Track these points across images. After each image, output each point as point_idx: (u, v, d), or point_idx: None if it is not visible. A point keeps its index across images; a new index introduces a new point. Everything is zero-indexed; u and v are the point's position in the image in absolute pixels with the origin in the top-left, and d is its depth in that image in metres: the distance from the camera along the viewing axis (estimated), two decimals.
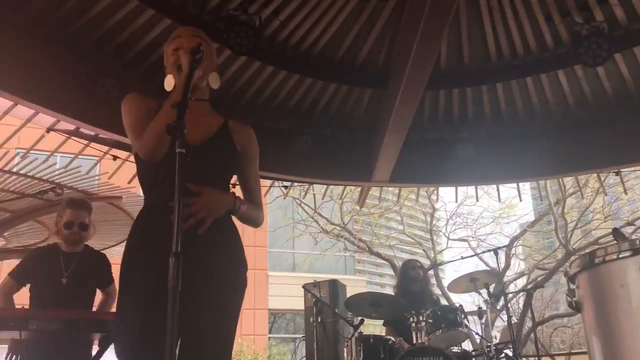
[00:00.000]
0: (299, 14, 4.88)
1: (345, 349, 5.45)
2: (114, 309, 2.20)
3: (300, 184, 7.20)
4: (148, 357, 1.83)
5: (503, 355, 4.79)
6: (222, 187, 2.13)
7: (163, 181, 1.84)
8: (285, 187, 7.21)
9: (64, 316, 2.81)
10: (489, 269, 11.01)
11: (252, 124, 2.31)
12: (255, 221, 2.23)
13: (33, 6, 4.35)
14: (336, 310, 6.14)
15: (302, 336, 6.82)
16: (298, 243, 19.37)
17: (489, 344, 4.73)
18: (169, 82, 2.13)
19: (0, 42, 4.30)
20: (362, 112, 5.93)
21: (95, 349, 3.12)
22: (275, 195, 11.30)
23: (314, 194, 8.59)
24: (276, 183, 7.08)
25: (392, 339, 5.05)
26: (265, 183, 7.51)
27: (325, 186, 7.62)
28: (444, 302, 7.22)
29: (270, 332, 18.58)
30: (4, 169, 8.22)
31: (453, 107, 5.94)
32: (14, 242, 10.60)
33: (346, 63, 5.43)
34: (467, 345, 5.41)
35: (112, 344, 2.10)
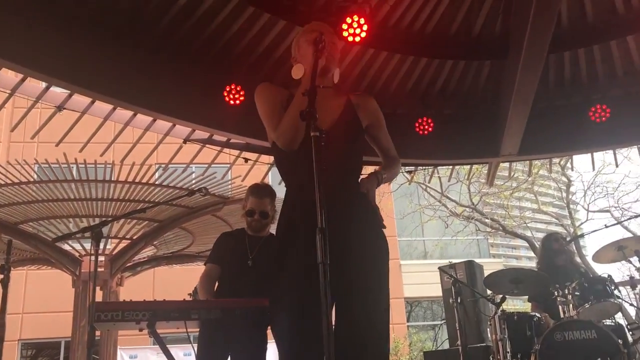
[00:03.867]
0: None
1: (488, 329, 5.34)
2: None
3: (424, 168, 7.15)
4: (308, 337, 1.95)
5: None
6: (355, 159, 2.32)
7: (304, 166, 1.94)
8: (410, 172, 7.19)
9: (220, 305, 3.01)
10: (636, 235, 10.22)
11: None
12: (396, 175, 2.52)
13: (160, 29, 4.71)
14: (475, 289, 6.04)
15: (443, 320, 6.78)
16: (427, 230, 19.14)
17: None
18: (297, 70, 2.27)
19: (136, 66, 4.72)
20: (482, 87, 5.77)
21: None
22: (399, 183, 11.29)
23: (439, 177, 8.48)
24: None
25: (538, 315, 4.89)
26: None
27: (450, 168, 7.49)
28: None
29: (408, 321, 18.54)
30: (148, 182, 8.95)
31: (580, 68, 5.60)
32: (162, 249, 11.54)
33: (461, 37, 5.30)
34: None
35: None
